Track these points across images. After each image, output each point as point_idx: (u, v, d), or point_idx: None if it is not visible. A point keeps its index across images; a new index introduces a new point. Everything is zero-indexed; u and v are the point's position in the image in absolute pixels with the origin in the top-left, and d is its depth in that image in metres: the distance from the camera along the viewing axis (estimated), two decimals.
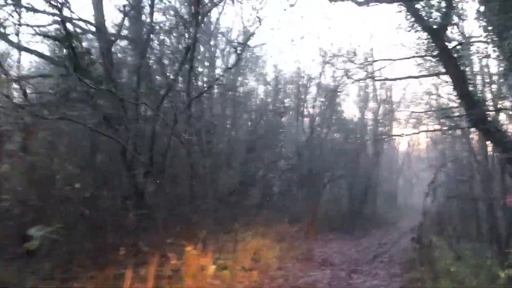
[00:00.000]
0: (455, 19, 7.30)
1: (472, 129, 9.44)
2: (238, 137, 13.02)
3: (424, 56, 8.49)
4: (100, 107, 6.11)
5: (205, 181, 7.74)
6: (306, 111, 17.44)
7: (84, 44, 7.47)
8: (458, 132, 13.79)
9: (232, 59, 15.35)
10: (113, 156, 6.71)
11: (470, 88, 7.09)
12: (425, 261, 8.13)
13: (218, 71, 14.50)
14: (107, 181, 6.46)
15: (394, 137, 22.23)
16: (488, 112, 7.00)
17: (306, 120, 16.91)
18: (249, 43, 16.78)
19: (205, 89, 8.29)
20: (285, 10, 9.33)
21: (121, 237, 5.81)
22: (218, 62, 14.46)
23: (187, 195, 7.21)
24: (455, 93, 7.60)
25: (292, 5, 8.37)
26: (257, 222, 10.34)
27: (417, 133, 13.77)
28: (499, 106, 8.54)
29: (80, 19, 8.37)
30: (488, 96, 9.34)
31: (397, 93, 24.50)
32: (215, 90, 14.75)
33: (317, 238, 12.06)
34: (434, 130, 14.84)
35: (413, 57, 9.40)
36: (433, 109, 13.89)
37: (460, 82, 6.97)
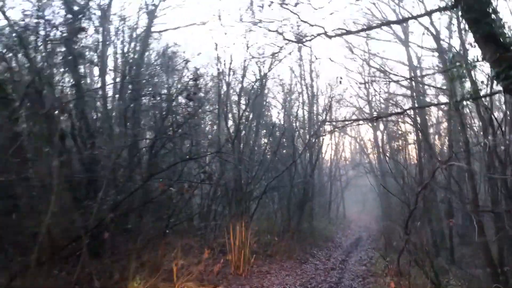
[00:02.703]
0: None
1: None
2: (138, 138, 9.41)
3: None
4: None
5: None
6: (230, 114, 14.53)
7: None
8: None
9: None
10: None
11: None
12: None
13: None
14: None
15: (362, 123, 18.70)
16: None
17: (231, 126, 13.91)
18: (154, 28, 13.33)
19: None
20: None
21: None
22: None
23: None
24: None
25: None
26: (162, 260, 6.93)
27: (406, 110, 9.58)
28: None
29: None
30: None
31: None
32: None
33: (251, 272, 9.00)
34: (439, 104, 11.68)
35: None
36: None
37: (481, 14, 4.49)
